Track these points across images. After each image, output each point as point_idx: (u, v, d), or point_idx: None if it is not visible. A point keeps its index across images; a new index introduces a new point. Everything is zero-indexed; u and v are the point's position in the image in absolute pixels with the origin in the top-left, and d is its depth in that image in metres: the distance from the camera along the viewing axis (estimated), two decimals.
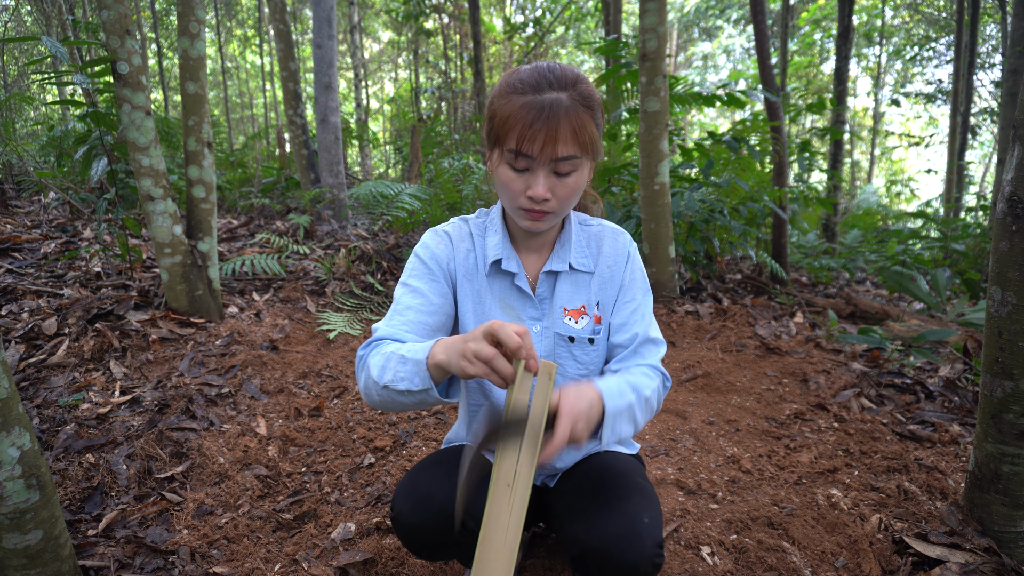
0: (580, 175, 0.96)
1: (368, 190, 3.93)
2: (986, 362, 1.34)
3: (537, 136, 0.89)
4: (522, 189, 0.95)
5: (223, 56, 13.74)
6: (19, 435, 1.09)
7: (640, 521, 0.95)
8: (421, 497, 1.01)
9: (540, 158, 0.92)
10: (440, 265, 1.08)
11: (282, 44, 5.50)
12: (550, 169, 0.93)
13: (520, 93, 0.92)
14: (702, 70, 18.70)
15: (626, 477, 1.08)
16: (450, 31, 11.79)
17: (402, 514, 1.01)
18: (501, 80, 0.99)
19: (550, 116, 0.89)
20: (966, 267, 4.94)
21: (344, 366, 2.51)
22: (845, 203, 10.85)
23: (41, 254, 3.23)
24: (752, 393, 2.38)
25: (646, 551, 0.92)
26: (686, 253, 4.05)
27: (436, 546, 1.04)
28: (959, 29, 8.06)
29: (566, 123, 0.90)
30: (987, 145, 16.12)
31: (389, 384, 0.91)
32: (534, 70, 0.95)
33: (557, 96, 0.91)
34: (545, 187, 0.94)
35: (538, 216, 0.98)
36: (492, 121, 0.96)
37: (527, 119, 0.89)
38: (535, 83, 0.92)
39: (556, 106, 0.90)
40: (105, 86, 2.69)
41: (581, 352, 1.10)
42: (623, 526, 0.94)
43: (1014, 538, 1.36)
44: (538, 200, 0.95)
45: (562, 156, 0.91)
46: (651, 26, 3.29)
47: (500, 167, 0.97)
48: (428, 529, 1.00)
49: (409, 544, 1.05)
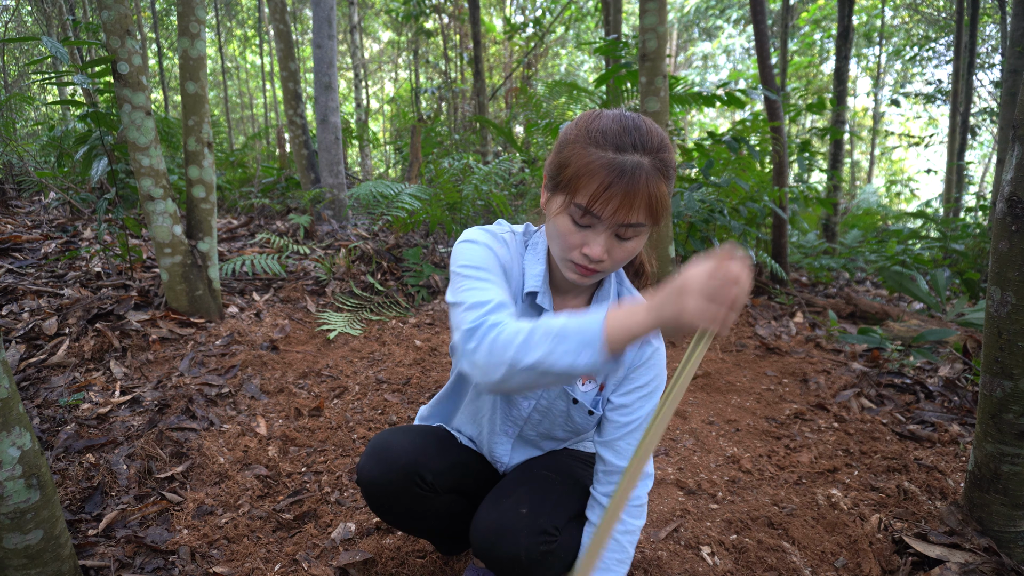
0: (640, 240, 0.92)
1: (368, 190, 3.92)
2: (986, 362, 1.34)
3: (612, 200, 0.84)
4: (579, 244, 0.90)
5: (223, 56, 13.74)
6: (19, 435, 1.09)
7: (515, 513, 0.98)
8: (380, 451, 1.05)
9: (608, 221, 0.87)
10: (502, 265, 0.99)
11: (282, 44, 5.50)
12: (613, 232, 0.89)
13: (600, 147, 0.86)
14: (702, 70, 18.70)
15: (531, 472, 1.11)
16: (450, 31, 11.79)
17: (363, 469, 1.05)
18: (579, 122, 0.92)
19: (631, 182, 0.83)
20: (966, 267, 4.94)
21: (344, 366, 2.51)
22: (845, 203, 10.84)
23: (41, 254, 3.23)
24: (752, 393, 2.38)
25: (521, 541, 0.95)
26: (686, 253, 4.05)
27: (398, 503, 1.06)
28: (959, 29, 8.06)
29: (644, 192, 0.84)
30: (987, 145, 16.12)
31: (540, 363, 0.76)
32: (618, 121, 0.88)
33: (640, 160, 0.84)
34: (604, 249, 0.89)
35: (588, 273, 0.93)
36: (564, 168, 0.89)
37: (606, 180, 0.83)
38: (618, 141, 0.85)
39: (638, 172, 0.84)
40: (105, 86, 2.69)
41: (578, 416, 1.09)
42: (495, 521, 0.98)
43: (1014, 538, 1.36)
44: (593, 260, 0.90)
45: (632, 223, 0.87)
46: (651, 26, 3.29)
47: (560, 216, 0.91)
48: (387, 481, 1.03)
49: (372, 501, 1.07)
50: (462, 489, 1.14)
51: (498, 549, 0.96)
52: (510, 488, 1.06)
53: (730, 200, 4.31)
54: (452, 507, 1.13)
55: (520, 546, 0.95)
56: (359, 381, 2.37)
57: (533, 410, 1.10)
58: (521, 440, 1.17)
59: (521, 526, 0.96)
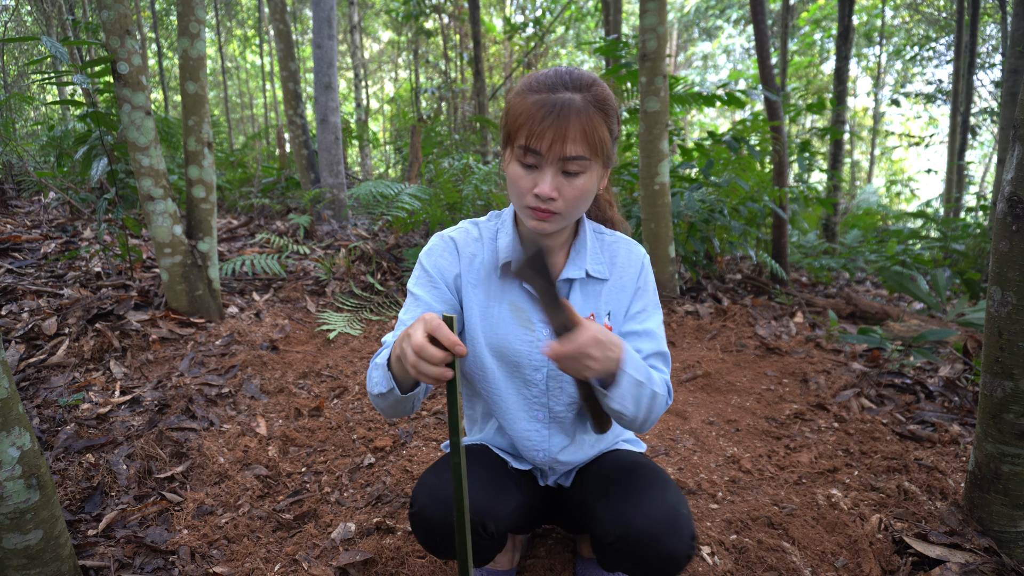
0: (589, 177, 0.95)
1: (368, 190, 3.92)
2: (986, 362, 1.34)
3: (546, 133, 0.90)
4: (530, 187, 0.95)
5: (223, 56, 13.74)
6: (19, 435, 1.09)
7: (681, 512, 0.97)
8: (443, 495, 1.00)
9: (548, 156, 0.92)
10: (442, 275, 1.09)
11: (282, 44, 5.50)
12: (558, 168, 0.93)
13: (535, 91, 0.93)
14: (702, 70, 18.70)
15: (655, 470, 1.09)
16: (450, 31, 11.79)
17: (424, 510, 1.01)
18: (520, 80, 1.00)
19: (560, 114, 0.89)
20: (966, 267, 4.94)
21: (344, 366, 2.51)
22: (845, 203, 10.84)
23: (41, 254, 3.23)
24: (752, 393, 2.38)
25: (685, 541, 0.95)
26: (686, 253, 4.05)
27: (452, 546, 1.04)
28: (959, 29, 8.06)
29: (576, 122, 0.90)
30: (987, 145, 16.12)
31: (372, 391, 0.97)
32: (553, 71, 0.96)
33: (571, 96, 0.91)
34: (552, 185, 0.93)
35: (544, 216, 0.97)
36: (506, 118, 0.97)
37: (538, 115, 0.90)
38: (550, 83, 0.93)
39: (568, 105, 0.90)
40: (105, 86, 2.69)
41: None
42: (667, 515, 0.96)
43: (1014, 538, 1.36)
44: (544, 198, 0.94)
45: (570, 155, 0.91)
46: (651, 26, 3.29)
47: (511, 164, 0.97)
48: (447, 526, 1.00)
49: (426, 541, 1.05)
50: (516, 530, 1.15)
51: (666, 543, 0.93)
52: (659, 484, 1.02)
53: (730, 200, 4.31)
54: (502, 542, 1.11)
55: (684, 545, 0.94)
56: (359, 381, 2.37)
57: (548, 376, 1.08)
58: (555, 423, 1.13)
59: (685, 526, 0.95)
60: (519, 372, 1.09)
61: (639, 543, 0.95)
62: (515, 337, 1.07)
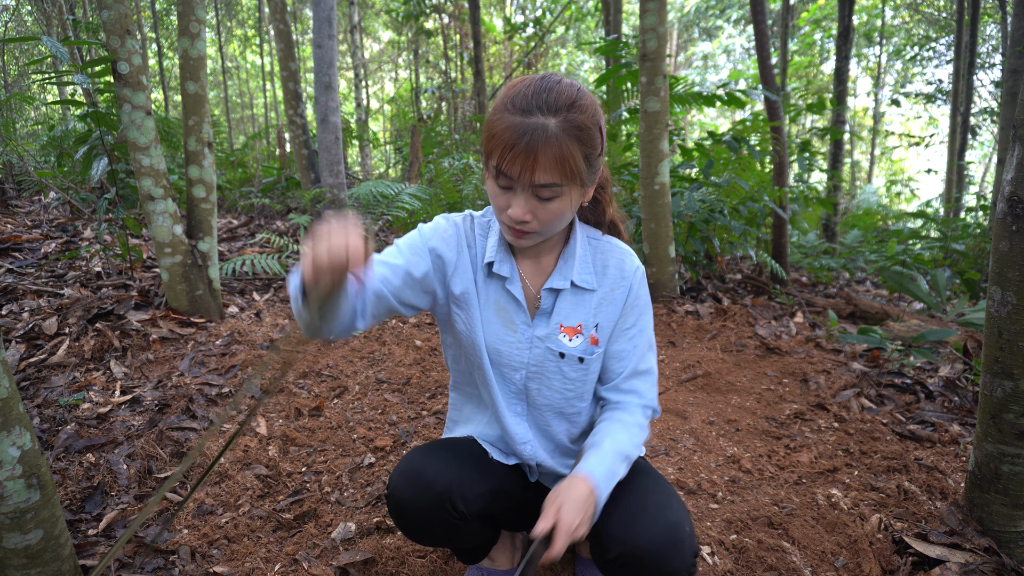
0: (564, 201, 0.93)
1: (368, 190, 3.93)
2: (986, 362, 1.34)
3: (516, 160, 0.87)
4: (504, 206, 0.94)
5: (223, 56, 13.74)
6: (19, 435, 1.09)
7: (684, 530, 0.96)
8: (415, 475, 1.03)
9: (520, 181, 0.90)
10: (432, 252, 1.08)
11: (282, 44, 5.50)
12: (531, 193, 0.91)
13: (510, 111, 0.89)
14: (702, 70, 18.70)
15: (656, 479, 1.09)
16: (450, 31, 11.79)
17: (396, 490, 1.03)
18: (502, 90, 0.97)
19: (530, 143, 0.86)
20: (966, 267, 4.94)
21: (344, 366, 2.51)
22: (845, 203, 10.85)
23: (41, 254, 3.23)
24: (752, 393, 2.38)
25: (687, 559, 0.94)
26: (686, 253, 4.05)
27: (427, 527, 1.05)
28: (959, 29, 8.06)
29: (546, 151, 0.86)
30: (987, 145, 16.13)
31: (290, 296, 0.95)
32: (533, 88, 0.91)
33: (543, 122, 0.87)
34: (524, 209, 0.92)
35: (518, 235, 0.97)
36: (484, 133, 0.95)
37: (509, 141, 0.87)
38: (526, 105, 0.88)
39: (539, 132, 0.86)
40: (105, 86, 2.69)
41: (570, 369, 1.09)
42: (669, 533, 0.95)
43: (1014, 538, 1.36)
44: (517, 221, 0.94)
45: (540, 183, 0.89)
46: (651, 26, 3.29)
47: (489, 180, 0.97)
48: (420, 507, 1.02)
49: (399, 521, 1.06)
50: (492, 514, 1.14)
51: (668, 562, 0.93)
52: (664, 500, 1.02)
53: (730, 200, 4.31)
54: (480, 530, 1.12)
55: (685, 564, 0.94)
56: (359, 381, 2.37)
57: (527, 378, 1.10)
58: (534, 422, 1.14)
59: (687, 544, 0.95)
60: (500, 368, 1.11)
61: (640, 560, 0.94)
62: (497, 337, 1.08)
